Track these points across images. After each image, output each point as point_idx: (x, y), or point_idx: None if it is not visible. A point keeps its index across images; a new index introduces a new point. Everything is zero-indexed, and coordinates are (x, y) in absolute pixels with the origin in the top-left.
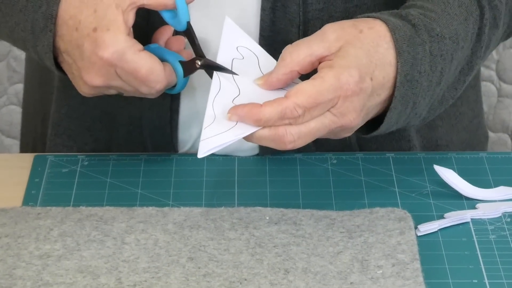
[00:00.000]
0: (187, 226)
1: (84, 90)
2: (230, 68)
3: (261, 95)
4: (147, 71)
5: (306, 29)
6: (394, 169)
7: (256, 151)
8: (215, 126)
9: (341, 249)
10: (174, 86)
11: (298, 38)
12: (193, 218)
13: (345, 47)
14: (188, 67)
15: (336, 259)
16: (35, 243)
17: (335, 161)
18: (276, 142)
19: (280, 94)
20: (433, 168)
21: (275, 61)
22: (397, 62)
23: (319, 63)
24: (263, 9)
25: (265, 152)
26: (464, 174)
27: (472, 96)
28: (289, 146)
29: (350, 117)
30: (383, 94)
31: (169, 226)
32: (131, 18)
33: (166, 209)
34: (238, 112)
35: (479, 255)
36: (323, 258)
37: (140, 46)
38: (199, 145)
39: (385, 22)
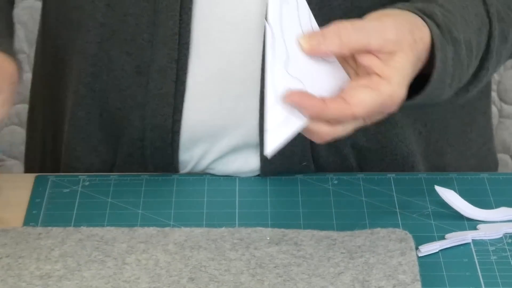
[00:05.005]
0: (188, 247)
1: None
2: (279, 14)
3: (308, 61)
4: None
5: None
6: (395, 190)
7: (257, 172)
8: (278, 108)
9: (342, 270)
10: None
11: None
12: (194, 239)
13: (401, 56)
14: None
15: (337, 279)
16: (36, 263)
17: (336, 182)
18: (316, 136)
19: (322, 64)
20: (434, 188)
21: (307, 7)
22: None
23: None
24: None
25: (266, 172)
26: (465, 195)
27: (482, 122)
28: (324, 142)
29: (371, 120)
30: None
31: (170, 246)
32: None
33: (167, 229)
34: (303, 104)
35: (480, 276)
36: (324, 279)
37: None
38: (265, 136)
39: (431, 32)
